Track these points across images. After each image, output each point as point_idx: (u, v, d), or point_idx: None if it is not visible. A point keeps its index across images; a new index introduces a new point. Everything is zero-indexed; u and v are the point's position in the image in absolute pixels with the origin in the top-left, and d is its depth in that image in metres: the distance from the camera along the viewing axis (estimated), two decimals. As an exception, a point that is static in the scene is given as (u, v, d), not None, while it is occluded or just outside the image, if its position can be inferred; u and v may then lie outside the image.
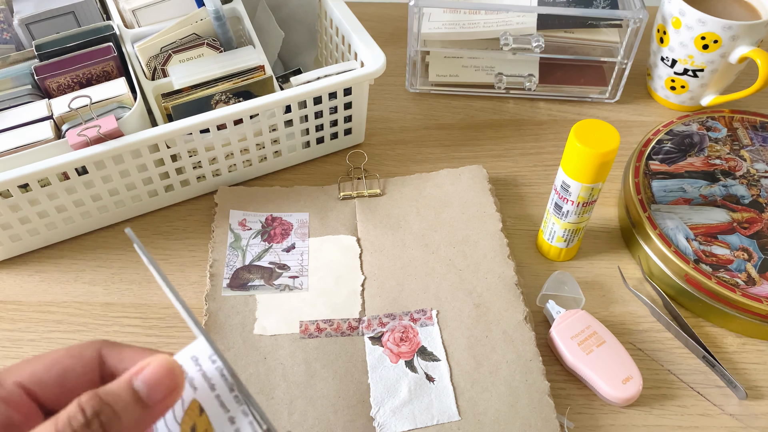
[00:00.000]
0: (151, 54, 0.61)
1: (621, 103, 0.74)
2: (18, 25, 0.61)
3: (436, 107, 0.74)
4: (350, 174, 0.66)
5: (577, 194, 0.51)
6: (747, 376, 0.51)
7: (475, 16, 0.70)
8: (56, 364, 0.28)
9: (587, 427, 0.48)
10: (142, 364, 0.26)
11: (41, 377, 0.27)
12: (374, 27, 0.82)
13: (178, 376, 0.26)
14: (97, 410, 0.24)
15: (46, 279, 0.58)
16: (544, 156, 0.68)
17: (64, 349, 0.29)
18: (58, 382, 0.28)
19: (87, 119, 0.54)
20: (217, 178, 0.63)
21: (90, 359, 0.28)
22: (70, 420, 0.24)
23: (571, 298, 0.54)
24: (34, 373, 0.27)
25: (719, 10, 0.66)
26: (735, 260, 0.53)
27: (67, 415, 0.24)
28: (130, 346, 0.29)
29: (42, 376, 0.27)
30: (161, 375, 0.26)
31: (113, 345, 0.29)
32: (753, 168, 0.60)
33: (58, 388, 0.28)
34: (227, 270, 0.56)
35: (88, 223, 0.60)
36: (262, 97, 0.58)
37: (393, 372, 0.50)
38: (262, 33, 0.68)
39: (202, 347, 0.27)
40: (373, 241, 0.58)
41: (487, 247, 0.57)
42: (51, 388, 0.27)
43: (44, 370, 0.28)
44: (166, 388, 0.26)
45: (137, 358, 0.28)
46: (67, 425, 0.24)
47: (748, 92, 0.67)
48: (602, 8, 0.68)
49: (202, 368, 0.27)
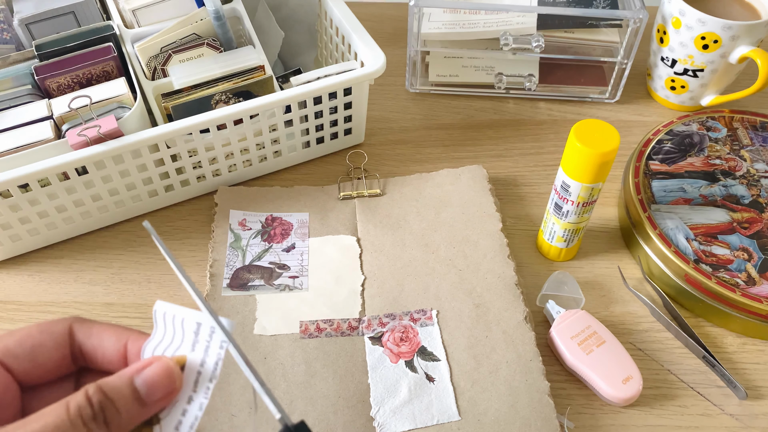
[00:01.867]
0: (151, 54, 0.61)
1: (621, 103, 0.74)
2: (18, 25, 0.61)
3: (436, 107, 0.74)
4: (350, 174, 0.66)
5: (577, 194, 0.51)
6: (747, 376, 0.51)
7: (475, 16, 0.70)
8: (28, 338, 0.29)
9: (587, 427, 0.48)
10: (145, 362, 0.28)
11: (14, 351, 0.29)
12: (374, 27, 0.82)
13: (177, 379, 0.28)
14: (103, 405, 0.26)
15: (46, 279, 0.58)
16: (544, 156, 0.68)
17: (35, 324, 0.30)
18: (30, 356, 0.29)
19: (87, 119, 0.54)
20: (217, 178, 0.63)
21: (60, 334, 0.30)
22: (80, 410, 0.25)
23: (571, 298, 0.54)
24: (6, 347, 0.29)
25: (719, 10, 0.66)
26: (735, 260, 0.53)
27: (78, 406, 0.26)
28: (100, 322, 0.31)
29: (14, 350, 0.29)
30: (161, 377, 0.27)
31: (83, 321, 0.30)
32: (753, 168, 0.60)
33: (29, 361, 0.29)
34: (227, 270, 0.56)
35: (88, 223, 0.60)
36: (262, 97, 0.58)
37: (393, 372, 0.50)
38: (262, 33, 0.68)
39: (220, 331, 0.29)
40: (373, 241, 0.58)
41: (487, 247, 0.57)
42: (23, 361, 0.29)
43: (16, 344, 0.29)
44: (164, 390, 0.27)
45: (105, 333, 0.30)
46: (77, 415, 0.25)
47: (748, 92, 0.67)
48: (602, 8, 0.68)
49: (209, 343, 0.28)
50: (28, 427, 0.25)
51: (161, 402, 0.28)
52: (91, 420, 0.25)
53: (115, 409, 0.26)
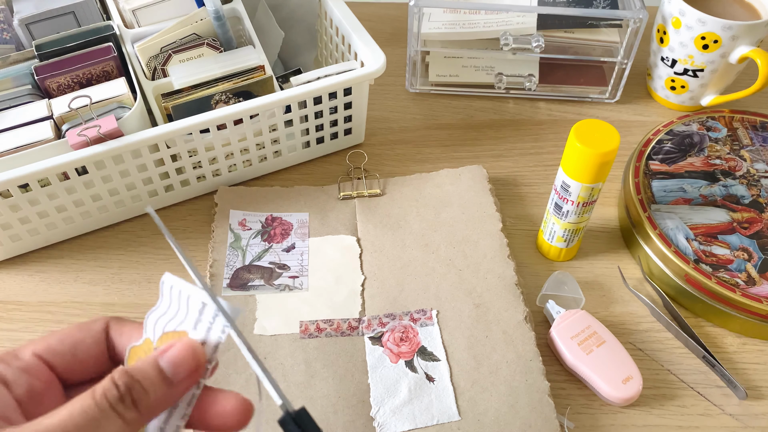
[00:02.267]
0: (151, 54, 0.61)
1: (621, 103, 0.74)
2: (18, 25, 0.61)
3: (436, 107, 0.74)
4: (350, 174, 0.66)
5: (577, 194, 0.51)
6: (747, 376, 0.51)
7: (475, 16, 0.70)
8: (68, 337, 0.31)
9: (587, 427, 0.48)
10: (168, 344, 0.29)
11: (56, 348, 0.30)
12: (374, 27, 0.82)
13: (200, 356, 0.29)
14: (129, 385, 0.27)
15: (46, 279, 0.58)
16: (544, 156, 0.68)
17: (75, 324, 0.32)
18: (71, 353, 0.30)
19: (87, 119, 0.54)
20: (217, 178, 0.63)
21: (98, 332, 0.31)
22: (105, 393, 0.26)
23: (571, 298, 0.54)
24: (49, 345, 0.30)
25: (719, 10, 0.66)
26: (735, 260, 0.53)
27: (103, 389, 0.26)
28: (132, 321, 0.32)
29: (56, 347, 0.30)
30: (185, 355, 0.28)
31: (118, 320, 0.32)
32: (753, 168, 0.60)
33: (71, 357, 0.30)
34: (227, 270, 0.56)
35: (88, 223, 0.60)
36: (262, 97, 0.58)
37: (393, 372, 0.50)
38: (262, 33, 0.68)
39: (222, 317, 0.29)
40: (373, 241, 0.58)
41: (487, 247, 0.57)
42: (65, 358, 0.30)
43: (58, 342, 0.30)
44: (189, 367, 0.28)
45: (135, 333, 0.31)
46: (103, 397, 0.26)
47: (748, 92, 0.67)
48: (602, 8, 0.68)
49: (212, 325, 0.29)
50: (56, 415, 0.25)
51: (188, 380, 0.28)
52: (119, 402, 0.26)
53: (143, 389, 0.27)
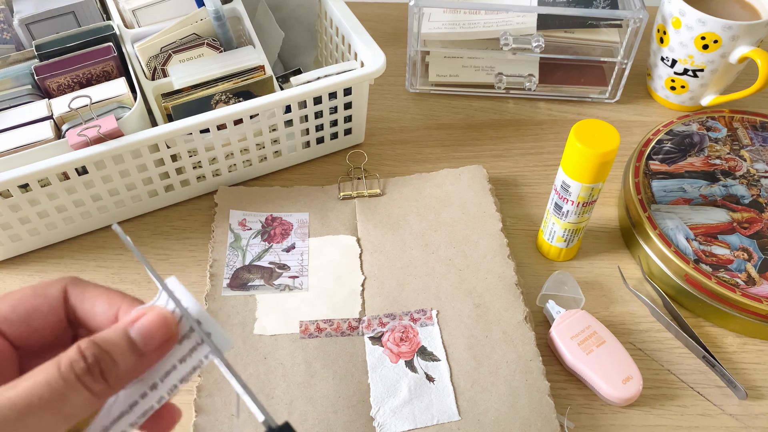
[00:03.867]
0: (151, 54, 0.61)
1: (621, 103, 0.74)
2: (18, 25, 0.61)
3: (436, 107, 0.74)
4: (350, 174, 0.66)
5: (577, 194, 0.51)
6: (747, 376, 0.51)
7: (475, 16, 0.70)
8: (22, 303, 0.29)
9: (587, 427, 0.48)
10: (137, 313, 0.27)
11: (7, 316, 0.28)
12: (374, 27, 0.82)
13: (173, 326, 0.27)
14: (97, 357, 0.25)
15: (46, 279, 0.57)
16: (544, 156, 0.68)
17: (30, 287, 0.29)
18: (25, 321, 0.28)
19: (87, 119, 0.54)
20: (217, 178, 0.63)
21: (55, 297, 0.29)
22: (72, 364, 0.25)
23: (571, 298, 0.54)
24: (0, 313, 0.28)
25: (719, 10, 0.66)
26: (735, 260, 0.53)
27: (69, 359, 0.25)
28: (95, 284, 0.30)
29: (8, 315, 0.28)
30: (156, 325, 0.27)
31: (78, 283, 0.30)
32: (753, 168, 0.60)
33: (24, 326, 0.28)
34: (227, 270, 0.56)
35: (88, 223, 0.60)
36: (262, 97, 0.58)
37: (393, 372, 0.50)
38: (262, 33, 0.68)
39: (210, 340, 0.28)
40: (373, 241, 0.58)
41: (487, 247, 0.57)
42: (17, 326, 0.28)
43: (10, 309, 0.28)
44: (161, 337, 0.27)
45: (98, 298, 0.29)
46: (69, 369, 0.24)
47: (748, 92, 0.67)
48: (602, 8, 0.68)
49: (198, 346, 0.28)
50: (19, 387, 0.24)
51: (158, 351, 0.27)
52: (86, 373, 0.25)
53: (112, 360, 0.25)
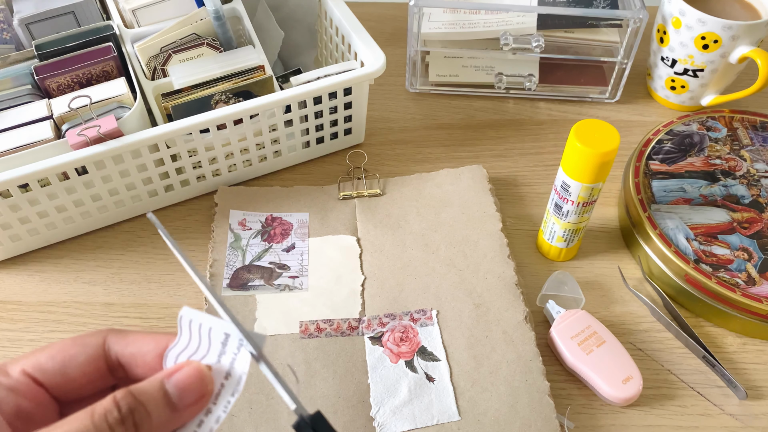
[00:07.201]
0: (151, 54, 0.61)
1: (621, 103, 0.74)
2: (18, 25, 0.61)
3: (436, 107, 0.74)
4: (350, 174, 0.66)
5: (577, 194, 0.51)
6: (747, 376, 0.51)
7: (475, 16, 0.70)
8: (60, 352, 0.28)
9: (587, 427, 0.48)
10: (176, 366, 0.27)
11: (44, 365, 0.28)
12: (374, 27, 0.82)
13: (209, 383, 0.27)
14: (132, 408, 0.25)
15: (46, 279, 0.58)
16: (544, 156, 0.68)
17: (71, 338, 0.29)
18: (60, 370, 0.28)
19: (87, 119, 0.54)
20: (217, 178, 0.63)
21: (95, 347, 0.29)
22: (106, 414, 0.24)
23: (571, 298, 0.54)
24: (38, 362, 0.28)
25: (719, 10, 0.66)
26: (735, 260, 0.53)
27: (104, 409, 0.25)
28: (135, 330, 0.30)
29: (45, 364, 0.28)
30: (193, 380, 0.27)
31: (118, 331, 0.30)
32: (753, 168, 0.60)
33: (60, 376, 0.28)
34: (227, 270, 0.56)
35: (88, 223, 0.60)
36: (262, 97, 0.58)
37: (393, 372, 0.50)
38: (262, 33, 0.68)
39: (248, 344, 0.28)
40: (373, 241, 0.58)
41: (487, 247, 0.57)
42: (53, 376, 0.28)
43: (48, 358, 0.28)
44: (197, 394, 0.27)
45: (142, 340, 0.29)
46: (103, 419, 0.24)
47: (748, 92, 0.67)
48: (602, 8, 0.68)
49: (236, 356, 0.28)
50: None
51: (193, 407, 0.27)
52: (119, 423, 0.24)
53: (146, 412, 0.25)
